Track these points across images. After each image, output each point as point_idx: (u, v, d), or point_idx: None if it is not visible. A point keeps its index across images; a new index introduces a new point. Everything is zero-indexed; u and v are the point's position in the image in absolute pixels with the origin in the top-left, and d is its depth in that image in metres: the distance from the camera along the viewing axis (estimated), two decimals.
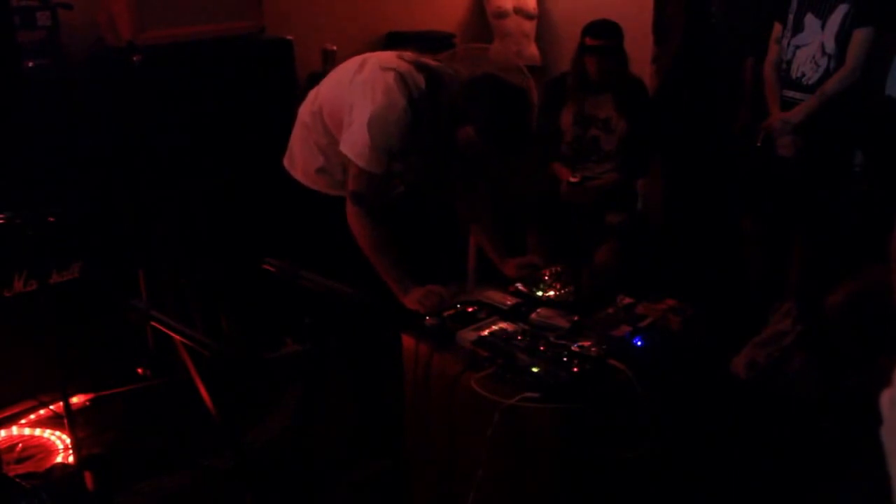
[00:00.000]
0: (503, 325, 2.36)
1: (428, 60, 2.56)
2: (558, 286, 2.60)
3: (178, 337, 2.07)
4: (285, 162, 2.80)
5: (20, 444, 3.02)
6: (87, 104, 3.30)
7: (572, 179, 3.63)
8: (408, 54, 2.56)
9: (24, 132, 3.01)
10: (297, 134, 2.77)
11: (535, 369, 2.12)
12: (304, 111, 2.74)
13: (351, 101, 2.48)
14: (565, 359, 2.15)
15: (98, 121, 3.30)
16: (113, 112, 3.33)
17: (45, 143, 3.08)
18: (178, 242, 3.45)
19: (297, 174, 2.75)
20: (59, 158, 3.13)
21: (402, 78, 2.44)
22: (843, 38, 3.26)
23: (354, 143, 2.44)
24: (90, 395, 3.27)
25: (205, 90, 3.48)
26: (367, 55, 2.63)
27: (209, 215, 3.53)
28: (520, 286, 2.63)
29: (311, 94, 2.75)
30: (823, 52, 3.32)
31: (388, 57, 2.55)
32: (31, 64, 3.06)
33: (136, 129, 3.31)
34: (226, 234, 3.57)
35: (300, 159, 2.74)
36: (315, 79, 4.06)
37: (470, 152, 2.44)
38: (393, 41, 4.52)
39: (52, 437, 3.05)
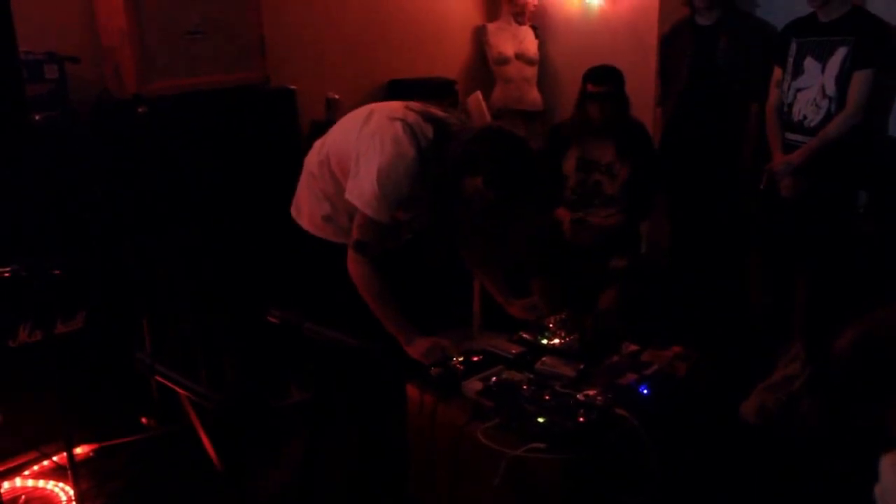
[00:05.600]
0: (508, 374, 2.35)
1: (435, 111, 2.56)
2: (563, 333, 2.59)
3: (181, 391, 2.07)
4: (292, 211, 2.81)
5: (23, 496, 2.99)
6: (92, 155, 3.32)
7: (574, 216, 3.65)
8: (415, 105, 2.56)
9: (32, 184, 3.04)
10: (303, 183, 2.78)
11: (540, 419, 2.11)
12: (311, 161, 2.75)
13: (358, 150, 2.48)
14: (571, 408, 2.15)
15: (104, 172, 3.32)
16: (118, 163, 3.36)
17: (50, 194, 3.10)
18: (181, 289, 3.45)
19: (304, 222, 2.76)
20: (64, 209, 3.15)
21: (410, 128, 2.44)
22: (843, 81, 3.28)
23: (363, 192, 2.43)
24: (94, 446, 3.24)
25: (209, 139, 3.51)
26: (374, 105, 2.63)
27: (213, 263, 3.53)
28: (524, 334, 2.62)
29: (317, 144, 2.76)
30: (824, 95, 3.34)
31: (396, 107, 2.55)
32: (38, 116, 3.09)
33: (142, 180, 3.33)
34: (229, 282, 3.57)
35: (306, 207, 2.75)
36: (317, 127, 4.13)
37: (476, 202, 2.43)
38: (395, 89, 4.57)
39: (56, 489, 3.01)
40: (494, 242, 2.88)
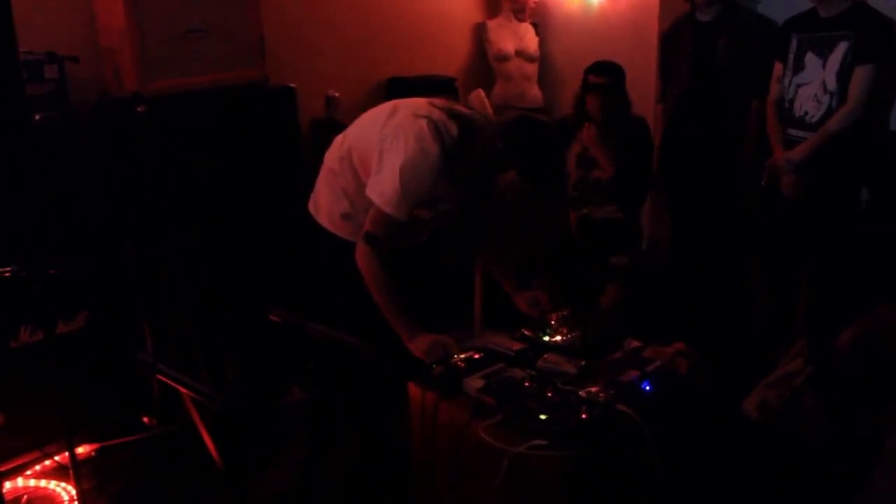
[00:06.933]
0: (510, 371, 2.34)
1: (460, 108, 2.53)
2: (565, 331, 2.59)
3: (183, 390, 2.07)
4: (310, 207, 2.77)
5: (25, 496, 2.99)
6: (92, 155, 3.33)
7: (579, 214, 3.65)
8: (439, 101, 2.52)
9: (32, 184, 3.04)
10: (322, 179, 2.75)
11: (542, 416, 2.11)
12: (332, 157, 2.71)
13: (381, 146, 2.45)
14: (573, 405, 2.14)
15: (104, 172, 3.33)
16: (118, 162, 3.36)
17: (50, 194, 3.10)
18: (181, 289, 3.45)
19: (322, 219, 2.73)
20: (64, 209, 3.15)
21: (435, 126, 2.41)
22: (844, 76, 3.27)
23: (384, 189, 2.40)
24: (95, 446, 3.25)
25: (209, 138, 3.51)
26: (398, 101, 2.59)
27: (213, 263, 3.53)
28: (526, 331, 2.61)
29: (338, 140, 2.72)
30: (825, 90, 3.33)
31: (421, 104, 2.51)
32: (38, 116, 3.08)
33: (142, 180, 3.34)
34: (230, 282, 3.57)
35: (325, 205, 2.72)
36: (317, 125, 4.13)
37: (511, 196, 2.40)
38: (395, 87, 4.57)
39: (58, 489, 3.02)
40: (515, 238, 2.86)
